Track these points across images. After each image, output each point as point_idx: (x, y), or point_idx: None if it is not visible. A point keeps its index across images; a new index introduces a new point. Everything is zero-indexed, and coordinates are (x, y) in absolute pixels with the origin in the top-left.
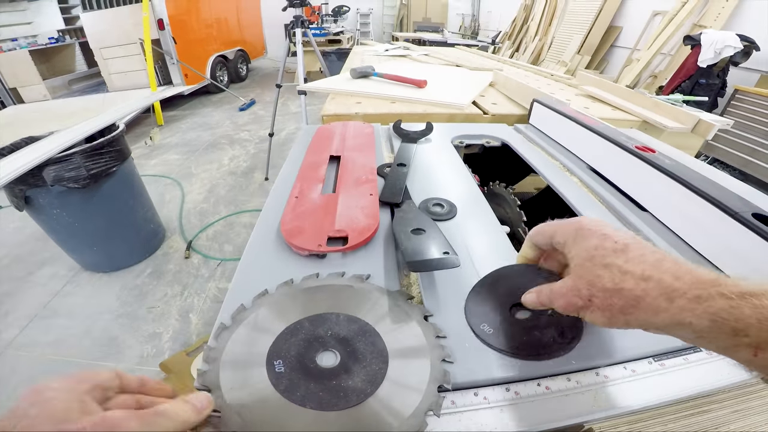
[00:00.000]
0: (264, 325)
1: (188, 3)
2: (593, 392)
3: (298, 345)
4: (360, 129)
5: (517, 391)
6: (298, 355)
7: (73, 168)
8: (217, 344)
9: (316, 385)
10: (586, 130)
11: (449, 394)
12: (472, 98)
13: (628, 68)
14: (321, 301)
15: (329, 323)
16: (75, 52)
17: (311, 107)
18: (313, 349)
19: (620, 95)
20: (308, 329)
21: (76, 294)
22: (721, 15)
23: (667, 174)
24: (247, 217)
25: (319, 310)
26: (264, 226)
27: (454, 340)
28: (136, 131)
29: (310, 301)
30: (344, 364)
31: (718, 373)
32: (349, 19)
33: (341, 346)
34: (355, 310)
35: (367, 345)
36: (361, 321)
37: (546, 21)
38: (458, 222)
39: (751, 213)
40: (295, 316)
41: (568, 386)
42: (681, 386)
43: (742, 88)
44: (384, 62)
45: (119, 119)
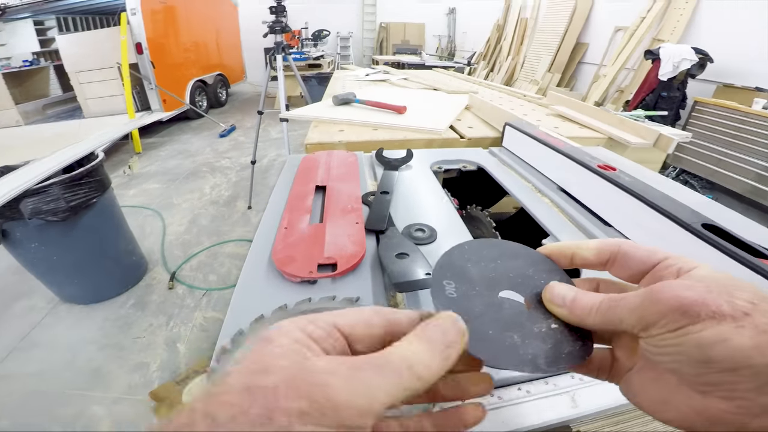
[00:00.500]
0: None
1: (167, 27)
2: (570, 394)
3: None
4: (344, 158)
5: (500, 396)
6: None
7: (51, 200)
8: (218, 366)
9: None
10: (554, 152)
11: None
12: (449, 122)
13: (595, 84)
14: None
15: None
16: (50, 75)
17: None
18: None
19: (587, 113)
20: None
21: (56, 326)
22: (676, 29)
23: (626, 191)
24: (231, 247)
25: None
26: (256, 256)
27: None
28: (114, 159)
29: None
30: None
31: None
32: (329, 43)
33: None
34: None
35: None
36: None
37: (517, 40)
38: (439, 245)
39: (701, 224)
40: None
41: (546, 389)
42: None
43: (700, 99)
44: (365, 87)
45: (98, 147)
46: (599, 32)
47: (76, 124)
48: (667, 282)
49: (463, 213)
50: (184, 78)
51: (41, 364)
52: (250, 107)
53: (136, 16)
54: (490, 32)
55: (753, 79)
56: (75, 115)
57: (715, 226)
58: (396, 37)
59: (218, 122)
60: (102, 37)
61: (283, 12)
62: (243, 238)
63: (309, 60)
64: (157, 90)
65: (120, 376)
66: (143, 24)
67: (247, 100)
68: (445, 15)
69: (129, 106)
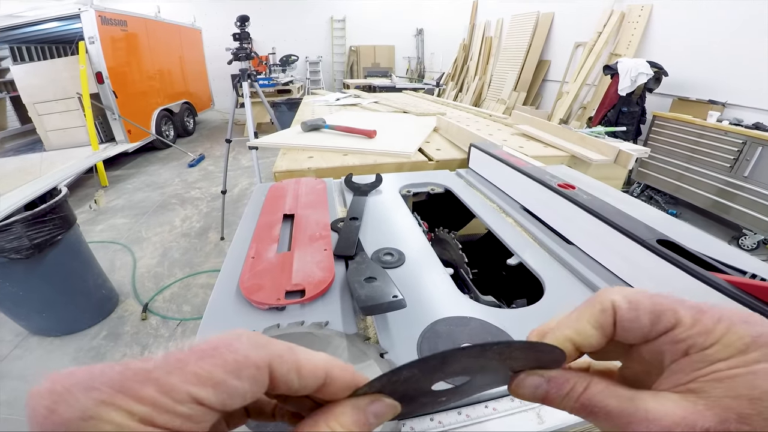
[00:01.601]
0: None
1: (128, 55)
2: (536, 410)
3: None
4: (312, 185)
5: (468, 414)
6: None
7: (14, 238)
8: None
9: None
10: (516, 172)
11: (407, 421)
12: (418, 145)
13: (560, 102)
14: None
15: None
16: (6, 107)
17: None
18: None
19: (550, 131)
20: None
21: (26, 357)
22: (632, 43)
23: (584, 208)
24: (204, 278)
25: None
26: (223, 285)
27: None
28: (79, 194)
29: None
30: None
31: None
32: (299, 68)
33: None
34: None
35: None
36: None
37: (483, 59)
38: (407, 268)
39: (656, 239)
40: None
41: (512, 406)
42: None
43: (658, 114)
44: (335, 112)
45: (60, 182)
46: (560, 49)
47: (37, 157)
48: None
49: (432, 236)
50: (149, 107)
51: (13, 394)
52: (219, 135)
53: (95, 44)
54: (457, 52)
55: (706, 91)
56: (35, 148)
57: (670, 242)
58: (366, 60)
59: (186, 152)
60: (60, 67)
61: (247, 38)
62: (216, 269)
63: (278, 86)
64: (120, 120)
65: None
66: (103, 52)
67: (215, 128)
68: (414, 36)
69: (92, 138)
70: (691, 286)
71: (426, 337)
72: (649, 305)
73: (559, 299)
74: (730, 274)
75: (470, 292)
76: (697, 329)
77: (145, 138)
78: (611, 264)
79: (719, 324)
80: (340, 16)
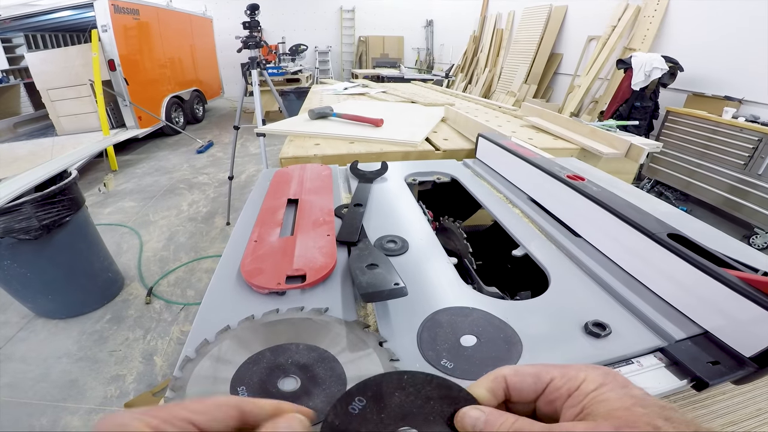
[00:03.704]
0: (227, 357)
1: (140, 43)
2: None
3: (260, 373)
4: (317, 171)
5: None
6: (260, 381)
7: (23, 219)
8: (182, 374)
9: None
10: (524, 162)
11: None
12: (425, 135)
13: (571, 95)
14: (282, 333)
15: (290, 352)
16: (20, 93)
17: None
18: (275, 376)
19: (560, 124)
20: (270, 358)
21: (30, 339)
22: (647, 37)
23: (594, 201)
24: (208, 263)
25: (280, 341)
26: (224, 269)
27: (407, 362)
28: (89, 177)
29: (271, 333)
30: (305, 388)
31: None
32: (308, 57)
33: (302, 372)
34: (314, 340)
35: (326, 370)
36: (320, 349)
37: (494, 52)
38: (410, 256)
39: (666, 233)
40: (257, 347)
41: None
42: None
43: (672, 109)
44: (343, 101)
45: (71, 165)
46: (573, 42)
47: (48, 142)
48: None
49: (437, 225)
50: (160, 94)
51: (15, 376)
52: (228, 123)
53: (108, 32)
54: (467, 44)
55: (722, 87)
56: (48, 133)
57: (682, 236)
58: (375, 50)
59: (195, 138)
60: (73, 54)
61: (257, 27)
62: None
63: (287, 75)
64: (131, 107)
65: (96, 387)
66: (115, 40)
67: (224, 116)
68: (423, 27)
69: (103, 123)
70: (701, 282)
71: (427, 327)
72: (530, 371)
73: (565, 292)
74: (741, 270)
75: (474, 283)
76: (567, 377)
77: (155, 124)
78: (619, 258)
79: (580, 371)
80: (350, 6)
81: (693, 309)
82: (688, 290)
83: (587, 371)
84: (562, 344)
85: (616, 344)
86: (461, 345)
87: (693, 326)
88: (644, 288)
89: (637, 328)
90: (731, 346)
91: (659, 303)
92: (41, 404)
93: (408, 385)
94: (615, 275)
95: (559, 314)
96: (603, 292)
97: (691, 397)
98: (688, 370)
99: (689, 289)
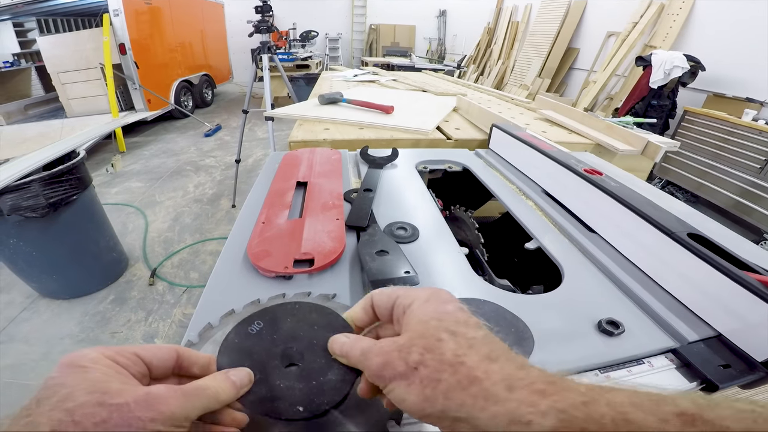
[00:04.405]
0: None
1: (151, 27)
2: None
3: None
4: (327, 155)
5: None
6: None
7: (30, 197)
8: None
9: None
10: (540, 155)
11: None
12: (437, 123)
13: (585, 90)
14: None
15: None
16: (31, 76)
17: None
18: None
19: (575, 118)
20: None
21: (33, 320)
22: (669, 35)
23: (612, 196)
24: (213, 245)
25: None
26: (231, 251)
27: None
28: (97, 158)
29: None
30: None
31: (660, 384)
32: (318, 44)
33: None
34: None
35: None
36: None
37: (508, 44)
38: (420, 244)
39: (686, 233)
40: None
41: None
42: None
43: (691, 109)
44: (353, 88)
45: (79, 146)
46: (591, 37)
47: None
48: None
49: (447, 214)
50: (169, 78)
51: (17, 358)
52: (237, 107)
53: (119, 17)
54: (480, 35)
55: (745, 89)
56: (58, 115)
57: (702, 237)
58: (386, 38)
59: (203, 122)
60: (84, 38)
61: (268, 11)
62: (225, 236)
63: (297, 61)
64: (141, 90)
65: None
66: (126, 25)
67: (233, 101)
68: (436, 17)
69: (112, 106)
70: (719, 283)
71: None
72: (387, 291)
73: (578, 289)
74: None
75: (485, 274)
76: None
77: (164, 107)
78: (634, 256)
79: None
80: None
81: (708, 311)
82: (704, 291)
83: (420, 291)
84: (575, 341)
85: (629, 343)
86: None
87: (707, 328)
88: (659, 287)
89: (651, 328)
90: (744, 350)
91: (673, 303)
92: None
93: (298, 313)
94: (630, 273)
95: (572, 310)
96: (617, 289)
97: None
98: (699, 372)
99: (706, 290)
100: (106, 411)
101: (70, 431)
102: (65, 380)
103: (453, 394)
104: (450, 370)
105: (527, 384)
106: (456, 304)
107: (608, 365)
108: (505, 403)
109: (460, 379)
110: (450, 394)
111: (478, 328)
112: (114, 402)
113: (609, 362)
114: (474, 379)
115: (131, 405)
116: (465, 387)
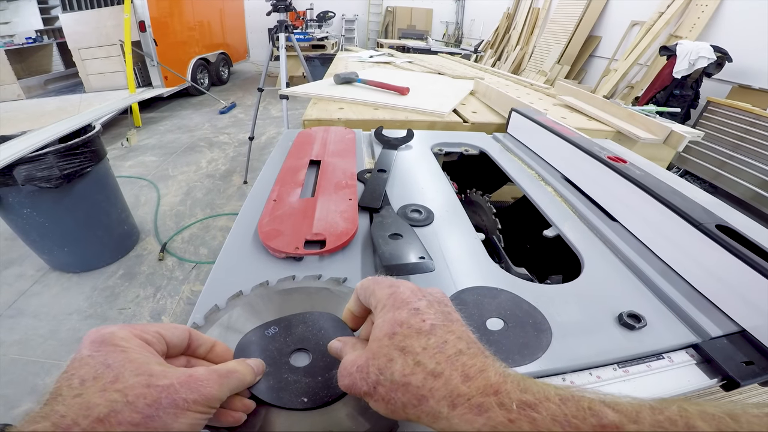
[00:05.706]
0: (237, 326)
1: (171, 5)
2: None
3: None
4: (341, 134)
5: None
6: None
7: (45, 168)
8: None
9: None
10: (561, 140)
11: None
12: (453, 106)
13: (605, 78)
14: (296, 302)
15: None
16: (52, 52)
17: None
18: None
19: (596, 105)
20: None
21: (43, 294)
22: (696, 26)
23: (637, 184)
24: (223, 221)
25: (295, 311)
26: (241, 229)
27: None
28: (113, 132)
29: (285, 302)
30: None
31: (680, 380)
32: (334, 24)
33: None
34: (330, 311)
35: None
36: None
37: (528, 30)
38: (435, 228)
39: (714, 224)
40: (269, 316)
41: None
42: (644, 392)
43: (714, 99)
44: (368, 68)
45: (95, 120)
46: (614, 26)
47: (76, 98)
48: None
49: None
50: (187, 56)
51: (26, 333)
52: (252, 86)
53: None
54: (499, 21)
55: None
56: (76, 90)
57: (730, 228)
58: (402, 21)
59: (219, 99)
60: (105, 16)
61: None
62: (236, 212)
63: (313, 41)
64: (158, 67)
65: None
66: (147, 3)
67: (249, 79)
68: (454, 1)
69: (130, 82)
70: (748, 277)
71: None
72: (365, 285)
73: (599, 280)
74: None
75: (501, 262)
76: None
77: (181, 84)
78: (657, 246)
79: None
80: None
81: (733, 305)
82: (729, 285)
83: (385, 289)
84: (594, 334)
85: (650, 337)
86: (487, 329)
87: (730, 323)
88: (682, 280)
89: (673, 322)
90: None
91: (697, 297)
92: (47, 363)
93: (309, 321)
94: (652, 264)
95: (592, 302)
96: (638, 281)
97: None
98: (721, 369)
99: (731, 284)
100: (156, 392)
101: (126, 411)
102: (107, 360)
103: (408, 411)
104: (401, 390)
105: (467, 400)
106: (409, 308)
107: (627, 360)
108: (448, 419)
109: (410, 399)
110: (407, 410)
111: (429, 334)
112: (161, 384)
113: (628, 357)
114: (421, 398)
115: (176, 386)
116: (416, 405)
